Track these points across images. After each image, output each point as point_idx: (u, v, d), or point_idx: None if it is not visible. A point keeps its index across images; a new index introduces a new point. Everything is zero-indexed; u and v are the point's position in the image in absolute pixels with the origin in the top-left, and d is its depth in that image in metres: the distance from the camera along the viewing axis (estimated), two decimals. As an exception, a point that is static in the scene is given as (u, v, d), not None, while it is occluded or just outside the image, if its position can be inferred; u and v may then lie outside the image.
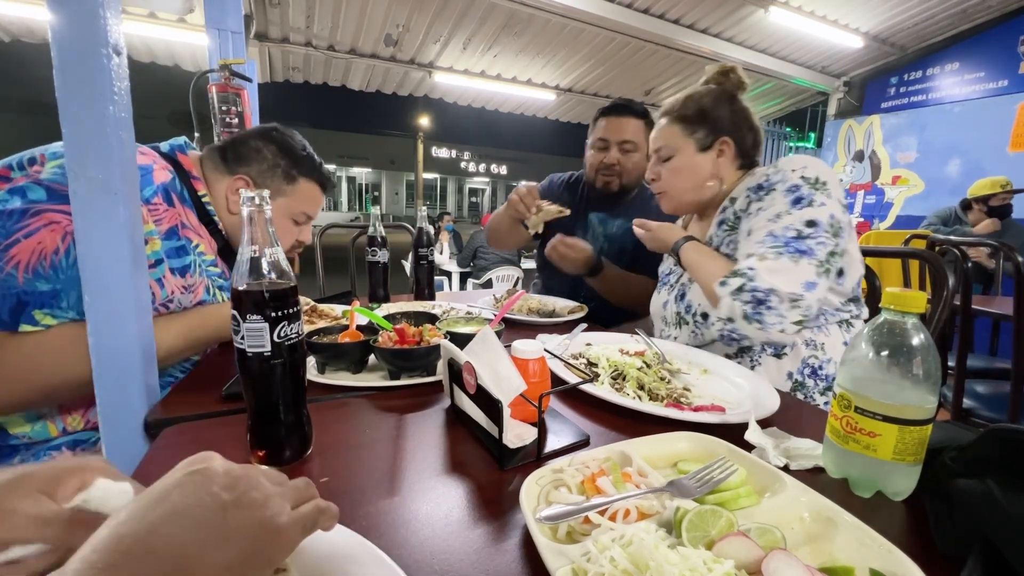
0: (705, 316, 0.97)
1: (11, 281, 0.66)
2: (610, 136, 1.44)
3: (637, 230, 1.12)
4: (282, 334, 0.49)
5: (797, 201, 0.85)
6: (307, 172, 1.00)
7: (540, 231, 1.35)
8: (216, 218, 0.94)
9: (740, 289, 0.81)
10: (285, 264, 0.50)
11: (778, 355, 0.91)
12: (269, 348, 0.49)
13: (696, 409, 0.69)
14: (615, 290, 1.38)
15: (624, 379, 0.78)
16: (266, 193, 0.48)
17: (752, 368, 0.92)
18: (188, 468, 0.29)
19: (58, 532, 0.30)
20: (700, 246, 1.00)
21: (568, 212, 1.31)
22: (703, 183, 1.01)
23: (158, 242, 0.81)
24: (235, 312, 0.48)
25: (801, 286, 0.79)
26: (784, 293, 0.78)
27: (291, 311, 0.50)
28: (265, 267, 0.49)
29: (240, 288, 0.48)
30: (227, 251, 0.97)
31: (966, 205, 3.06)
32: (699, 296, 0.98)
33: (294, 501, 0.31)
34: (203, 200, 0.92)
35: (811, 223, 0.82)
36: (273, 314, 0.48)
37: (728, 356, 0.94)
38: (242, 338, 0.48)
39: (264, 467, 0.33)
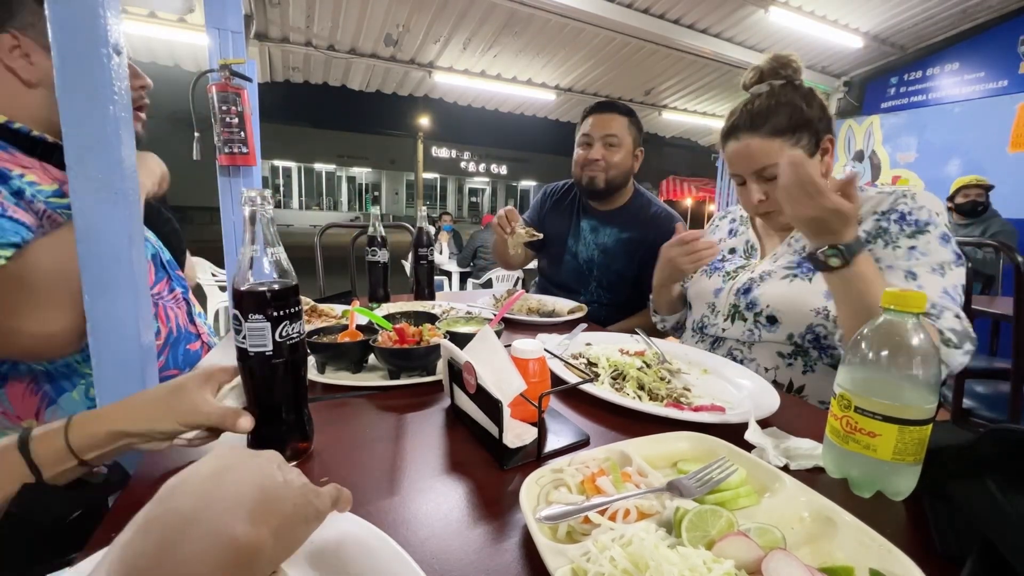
0: (771, 319, 0.93)
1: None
2: (594, 132, 1.44)
3: (785, 175, 0.71)
4: (284, 333, 0.49)
5: (958, 257, 0.82)
6: None
7: (519, 251, 1.44)
8: (35, 132, 0.76)
9: (958, 346, 0.79)
10: (286, 263, 0.50)
11: (834, 366, 0.90)
12: (271, 347, 0.49)
13: (696, 409, 0.69)
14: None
15: (624, 379, 0.78)
16: (268, 193, 0.48)
17: (804, 373, 0.92)
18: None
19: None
20: (872, 261, 0.77)
21: (540, 236, 1.35)
22: None
23: None
24: (237, 312, 0.48)
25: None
26: (975, 340, 0.79)
27: (293, 310, 0.50)
28: (266, 266, 0.49)
29: (242, 288, 0.48)
30: None
31: (949, 206, 3.10)
32: (772, 297, 0.94)
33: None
34: (15, 127, 0.75)
35: (962, 285, 0.82)
36: (275, 313, 0.48)
37: (780, 355, 0.93)
38: (244, 337, 0.49)
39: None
